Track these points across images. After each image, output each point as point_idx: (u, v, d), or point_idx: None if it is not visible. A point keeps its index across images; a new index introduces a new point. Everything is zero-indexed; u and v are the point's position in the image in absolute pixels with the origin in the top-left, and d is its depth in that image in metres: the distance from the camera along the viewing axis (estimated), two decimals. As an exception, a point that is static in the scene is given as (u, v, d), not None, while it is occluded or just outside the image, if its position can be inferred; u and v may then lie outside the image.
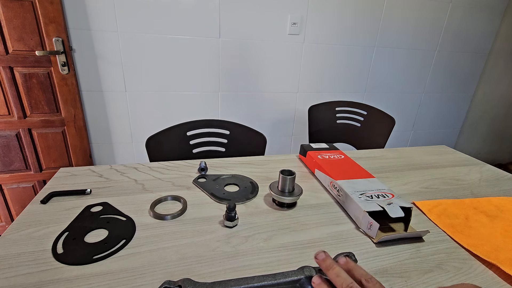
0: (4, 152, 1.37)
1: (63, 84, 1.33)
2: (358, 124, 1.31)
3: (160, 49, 1.41)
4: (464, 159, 0.87)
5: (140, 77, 1.43)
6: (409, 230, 0.49)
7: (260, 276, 0.37)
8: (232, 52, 1.50)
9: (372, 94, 1.82)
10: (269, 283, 0.36)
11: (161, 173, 0.68)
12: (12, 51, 1.23)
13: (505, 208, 0.59)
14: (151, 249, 0.44)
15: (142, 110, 1.50)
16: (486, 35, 1.87)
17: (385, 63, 1.76)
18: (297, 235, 0.49)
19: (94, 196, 0.58)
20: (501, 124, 2.23)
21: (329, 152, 0.76)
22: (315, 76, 1.67)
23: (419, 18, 1.69)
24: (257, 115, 1.68)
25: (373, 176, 0.62)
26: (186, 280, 0.36)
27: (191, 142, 0.98)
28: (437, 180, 0.72)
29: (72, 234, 0.46)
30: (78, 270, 0.39)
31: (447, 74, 1.91)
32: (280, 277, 0.37)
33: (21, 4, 1.18)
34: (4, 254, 0.41)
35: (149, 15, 1.34)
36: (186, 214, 0.53)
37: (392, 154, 0.88)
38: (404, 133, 2.03)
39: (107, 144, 1.53)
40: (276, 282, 0.36)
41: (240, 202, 0.58)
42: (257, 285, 0.36)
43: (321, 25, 1.56)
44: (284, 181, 0.56)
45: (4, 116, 1.32)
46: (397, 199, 0.52)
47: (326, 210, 0.57)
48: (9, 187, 1.44)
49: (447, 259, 0.45)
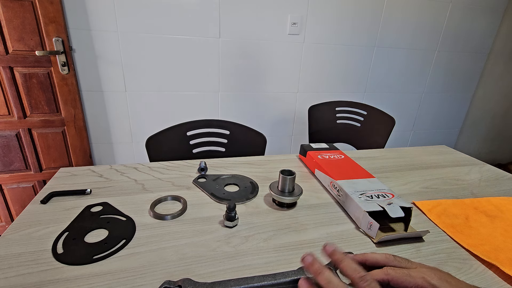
0: (4, 152, 1.37)
1: (63, 84, 1.33)
2: (358, 124, 1.31)
3: (160, 49, 1.41)
4: (464, 159, 0.87)
5: (140, 77, 1.43)
6: (409, 230, 0.49)
7: (260, 276, 0.37)
8: (232, 52, 1.50)
9: (372, 94, 1.82)
10: (269, 283, 0.36)
11: (161, 173, 0.68)
12: (12, 51, 1.23)
13: (505, 208, 0.59)
14: (151, 249, 0.44)
15: (142, 110, 1.50)
16: (486, 35, 1.87)
17: (385, 63, 1.76)
18: (297, 235, 0.49)
19: (94, 196, 0.58)
20: (501, 124, 2.23)
21: (329, 152, 0.76)
22: (315, 76, 1.67)
23: (419, 18, 1.69)
24: (257, 115, 1.68)
25: (373, 176, 0.62)
26: (186, 280, 0.36)
27: (191, 142, 0.98)
28: (437, 180, 0.72)
29: (72, 234, 0.46)
30: (78, 270, 0.39)
31: (447, 74, 1.91)
32: (280, 277, 0.37)
33: (21, 4, 1.18)
34: (4, 254, 0.41)
35: (149, 15, 1.34)
36: (186, 214, 0.53)
37: (392, 154, 0.88)
38: (404, 133, 2.03)
39: (107, 144, 1.53)
40: (276, 282, 0.36)
41: (240, 202, 0.58)
42: (257, 285, 0.36)
43: (321, 25, 1.56)
44: (284, 181, 0.56)
45: (4, 116, 1.32)
46: (397, 199, 0.52)
47: (326, 210, 0.57)
48: (9, 187, 1.44)
49: (447, 259, 0.45)
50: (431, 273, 0.33)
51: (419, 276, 0.33)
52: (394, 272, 0.34)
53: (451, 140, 2.18)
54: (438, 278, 0.32)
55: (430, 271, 0.34)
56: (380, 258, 0.38)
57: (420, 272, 0.34)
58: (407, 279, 0.33)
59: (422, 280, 0.32)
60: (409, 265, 0.36)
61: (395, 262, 0.37)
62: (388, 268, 0.35)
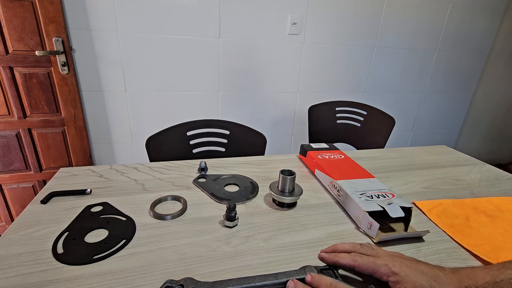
0: (4, 152, 1.37)
1: (63, 84, 1.33)
2: (358, 124, 1.31)
3: (160, 49, 1.41)
4: (464, 159, 0.87)
5: (140, 77, 1.43)
6: (409, 230, 0.49)
7: (262, 275, 0.37)
8: (232, 52, 1.50)
9: (372, 94, 1.82)
10: (270, 282, 0.36)
11: (161, 173, 0.68)
12: (12, 51, 1.23)
13: (505, 208, 0.59)
14: (151, 249, 0.44)
15: (142, 110, 1.50)
16: (486, 35, 1.87)
17: (385, 63, 1.76)
18: (297, 235, 0.49)
19: (94, 196, 0.58)
20: (501, 124, 2.23)
21: (329, 152, 0.76)
22: (315, 76, 1.67)
23: (419, 18, 1.69)
24: (257, 115, 1.68)
25: (373, 176, 0.62)
26: (188, 279, 0.36)
27: (191, 142, 0.98)
28: (437, 180, 0.72)
29: (72, 234, 0.46)
30: (78, 270, 0.39)
31: (447, 74, 1.91)
32: (282, 276, 0.37)
33: (21, 4, 1.18)
34: (4, 254, 0.41)
35: (149, 15, 1.34)
36: (186, 214, 0.53)
37: (392, 154, 0.88)
38: (404, 133, 2.03)
39: (107, 144, 1.53)
40: (278, 281, 0.36)
41: (240, 202, 0.58)
42: (259, 284, 0.36)
43: (321, 25, 1.56)
44: (284, 181, 0.56)
45: (4, 116, 1.32)
46: (397, 199, 0.52)
47: (326, 210, 0.57)
48: (9, 187, 1.44)
49: (447, 259, 0.45)
50: (393, 261, 0.37)
51: (382, 264, 0.37)
52: (360, 259, 0.38)
53: (451, 140, 2.18)
54: (399, 264, 0.36)
55: (393, 259, 0.37)
56: (348, 246, 0.41)
57: (384, 260, 0.37)
58: (371, 266, 0.37)
59: (385, 268, 0.36)
60: (374, 253, 0.40)
61: (362, 250, 0.40)
62: (356, 255, 0.39)
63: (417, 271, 0.35)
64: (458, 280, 0.33)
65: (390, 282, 0.36)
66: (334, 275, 0.39)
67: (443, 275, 0.34)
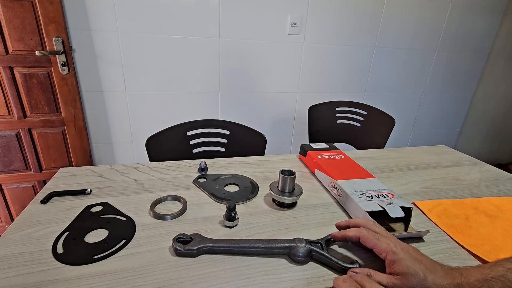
0: (4, 152, 1.37)
1: (63, 84, 1.33)
2: (358, 124, 1.31)
3: (160, 49, 1.41)
4: (464, 159, 0.87)
5: (140, 77, 1.43)
6: (409, 230, 0.49)
7: (256, 239, 0.44)
8: (232, 52, 1.50)
9: (372, 94, 1.82)
10: (263, 245, 0.43)
11: (161, 173, 0.68)
12: (12, 51, 1.23)
13: (505, 208, 0.59)
14: (151, 249, 0.44)
15: (142, 110, 1.50)
16: (486, 35, 1.87)
17: (385, 63, 1.76)
18: (297, 235, 0.49)
19: (94, 196, 0.58)
20: (501, 124, 2.23)
21: (329, 152, 0.76)
22: (315, 76, 1.67)
23: (419, 18, 1.69)
24: (257, 115, 1.68)
25: (373, 176, 0.62)
26: (196, 235, 0.44)
27: (191, 142, 0.98)
28: (437, 180, 0.72)
29: (72, 234, 0.46)
30: (78, 270, 0.39)
31: (447, 74, 1.91)
32: (273, 242, 0.44)
33: (21, 4, 1.18)
34: (4, 254, 0.41)
35: (149, 15, 1.34)
36: (186, 214, 0.53)
37: (392, 154, 0.88)
38: (404, 133, 2.03)
39: (107, 144, 1.53)
40: (269, 245, 0.43)
41: (240, 202, 0.58)
42: (253, 245, 0.43)
43: (321, 25, 1.56)
44: (284, 181, 0.56)
45: (4, 116, 1.32)
46: (397, 199, 0.52)
47: (326, 210, 0.57)
48: (9, 187, 1.44)
49: (447, 259, 0.45)
50: (396, 243, 0.38)
51: (385, 242, 0.38)
52: (366, 232, 0.40)
53: (451, 140, 2.18)
54: (401, 248, 0.37)
55: (397, 242, 0.39)
56: (361, 221, 0.44)
57: (388, 239, 0.39)
58: (373, 240, 0.39)
59: (386, 245, 0.38)
60: (384, 233, 0.41)
61: (372, 226, 0.42)
62: (363, 228, 0.41)
63: (416, 259, 0.36)
64: (451, 276, 0.34)
65: (387, 260, 0.37)
66: (322, 248, 0.43)
67: (441, 270, 0.35)
